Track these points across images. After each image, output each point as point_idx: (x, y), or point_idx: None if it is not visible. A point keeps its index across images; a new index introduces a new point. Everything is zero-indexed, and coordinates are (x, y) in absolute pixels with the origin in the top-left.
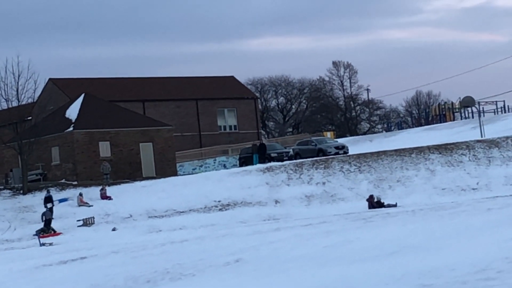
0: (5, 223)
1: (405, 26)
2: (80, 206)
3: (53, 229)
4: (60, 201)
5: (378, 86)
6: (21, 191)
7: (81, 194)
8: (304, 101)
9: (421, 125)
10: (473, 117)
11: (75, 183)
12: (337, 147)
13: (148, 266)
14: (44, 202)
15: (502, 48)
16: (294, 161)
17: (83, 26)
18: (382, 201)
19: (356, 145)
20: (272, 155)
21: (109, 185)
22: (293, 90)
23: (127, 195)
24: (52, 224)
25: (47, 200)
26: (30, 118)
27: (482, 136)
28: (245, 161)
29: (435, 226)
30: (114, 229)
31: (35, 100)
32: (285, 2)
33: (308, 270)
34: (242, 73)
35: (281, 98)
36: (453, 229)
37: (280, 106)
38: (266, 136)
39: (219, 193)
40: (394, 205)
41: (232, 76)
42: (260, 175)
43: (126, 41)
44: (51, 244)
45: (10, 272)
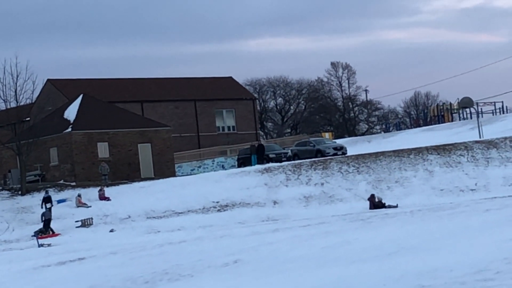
0: (4, 224)
1: (404, 27)
2: (79, 207)
3: (52, 230)
4: (59, 202)
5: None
6: (20, 192)
7: (80, 195)
8: (303, 102)
9: (420, 126)
10: (472, 118)
11: (74, 184)
12: (336, 148)
13: (147, 267)
14: (43, 203)
15: (501, 49)
16: (293, 162)
17: (82, 27)
18: (383, 202)
19: (355, 146)
20: (271, 156)
21: (108, 186)
22: (292, 91)
23: (126, 196)
24: (51, 225)
25: (46, 201)
26: (29, 119)
27: (481, 137)
28: (244, 162)
29: (434, 227)
30: (112, 231)
31: (34, 101)
32: (284, 3)
33: (307, 271)
34: (241, 74)
35: (280, 99)
36: (452, 230)
37: (279, 107)
38: (265, 137)
39: (218, 194)
40: (395, 206)
41: (231, 77)
42: (259, 176)
43: (125, 42)
44: (50, 245)
45: (9, 273)
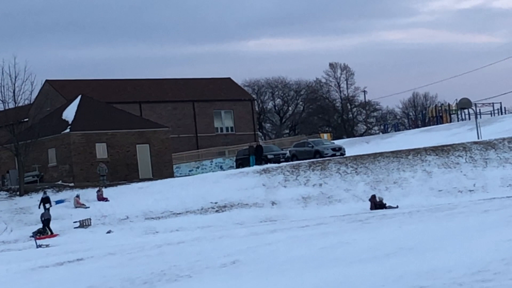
0: (2, 225)
1: (402, 28)
2: (77, 208)
3: (51, 230)
4: (57, 203)
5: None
6: (18, 193)
7: (78, 196)
8: (301, 103)
9: (418, 127)
10: (470, 119)
11: (72, 185)
12: (334, 149)
13: (145, 268)
14: (42, 203)
15: (499, 50)
16: (291, 163)
17: (81, 27)
18: (384, 202)
19: (353, 147)
20: (269, 157)
21: (106, 187)
22: (290, 92)
23: (124, 197)
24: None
25: (45, 201)
26: (27, 120)
27: (479, 138)
28: (242, 163)
29: (432, 228)
30: (109, 232)
31: (32, 102)
32: (282, 4)
33: (305, 272)
34: (239, 75)
35: (278, 100)
36: (450, 231)
37: (277, 108)
38: (263, 138)
39: (216, 195)
40: (396, 207)
41: (229, 78)
42: (257, 177)
43: (124, 42)
44: (48, 246)
45: (7, 274)
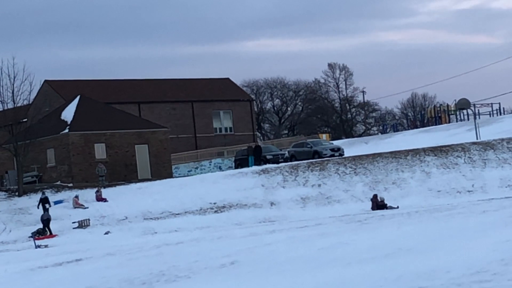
0: (1, 225)
1: (401, 28)
2: (76, 208)
3: (50, 231)
4: (55, 203)
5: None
6: (17, 193)
7: (77, 196)
8: (300, 103)
9: (417, 127)
10: (469, 119)
11: (71, 185)
12: (333, 149)
13: (144, 268)
14: (41, 203)
15: (497, 50)
16: (290, 163)
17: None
18: (386, 203)
19: (352, 147)
20: (268, 157)
21: (105, 187)
22: (289, 92)
23: (123, 197)
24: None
25: (45, 201)
26: (26, 120)
27: (478, 138)
28: (241, 163)
29: (431, 228)
30: (107, 233)
31: (31, 102)
32: (281, 4)
33: (304, 272)
34: (238, 75)
35: (277, 100)
36: (449, 231)
37: (276, 108)
38: (262, 138)
39: (215, 195)
40: (396, 208)
41: (228, 78)
42: (256, 177)
43: (123, 43)
44: (47, 246)
45: (6, 274)
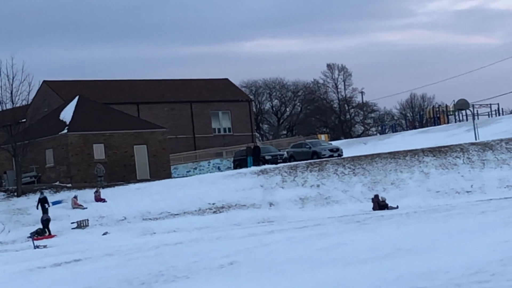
0: None
1: (399, 29)
2: (74, 209)
3: (49, 231)
4: (54, 203)
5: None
6: (15, 193)
7: (76, 197)
8: (299, 104)
9: (416, 128)
10: (467, 120)
11: (69, 186)
12: (331, 150)
13: (142, 269)
14: (40, 203)
15: (496, 51)
16: (289, 164)
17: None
18: (387, 203)
19: (350, 148)
20: (267, 158)
21: (103, 188)
22: (288, 93)
23: (121, 198)
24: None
25: (44, 201)
26: (24, 120)
27: (476, 139)
28: (240, 164)
29: (430, 229)
30: (105, 233)
31: (29, 102)
32: (280, 5)
33: (303, 273)
34: (237, 76)
35: (276, 101)
36: (447, 232)
37: (275, 109)
38: (260, 139)
39: (214, 196)
40: (396, 208)
41: (227, 79)
42: (255, 178)
43: (122, 43)
44: (45, 247)
45: (4, 274)
